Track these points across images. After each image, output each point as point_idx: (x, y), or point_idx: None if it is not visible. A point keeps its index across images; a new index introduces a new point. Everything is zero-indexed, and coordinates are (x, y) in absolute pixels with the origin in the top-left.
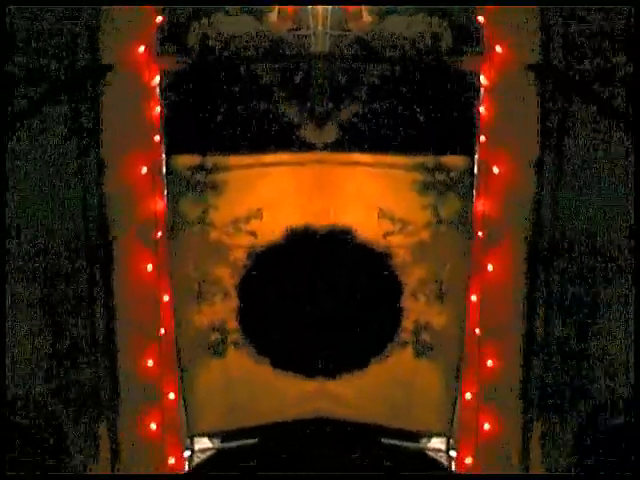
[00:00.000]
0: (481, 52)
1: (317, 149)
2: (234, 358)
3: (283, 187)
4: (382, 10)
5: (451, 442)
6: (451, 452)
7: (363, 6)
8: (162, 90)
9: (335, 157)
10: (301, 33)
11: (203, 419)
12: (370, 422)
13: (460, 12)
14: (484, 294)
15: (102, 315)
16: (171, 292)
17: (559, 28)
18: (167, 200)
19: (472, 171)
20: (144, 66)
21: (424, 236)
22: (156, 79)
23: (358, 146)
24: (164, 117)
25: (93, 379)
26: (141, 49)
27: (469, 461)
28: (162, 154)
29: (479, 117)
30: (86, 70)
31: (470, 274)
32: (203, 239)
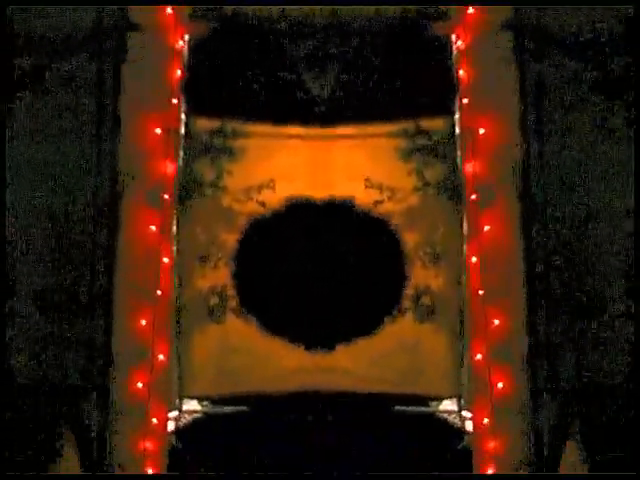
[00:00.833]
0: (449, 15)
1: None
2: (232, 324)
3: (297, 160)
4: None
5: (462, 402)
6: (463, 412)
7: None
8: (189, 50)
9: (318, 132)
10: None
11: (195, 382)
12: (378, 391)
13: None
14: (483, 255)
15: (102, 271)
16: (176, 253)
17: None
18: (182, 161)
19: (453, 132)
20: (170, 28)
21: (413, 201)
22: (180, 42)
23: (340, 119)
24: (187, 78)
25: (88, 333)
26: (169, 10)
27: (486, 422)
28: (180, 116)
29: (458, 79)
30: (111, 27)
31: (464, 234)
32: (214, 203)
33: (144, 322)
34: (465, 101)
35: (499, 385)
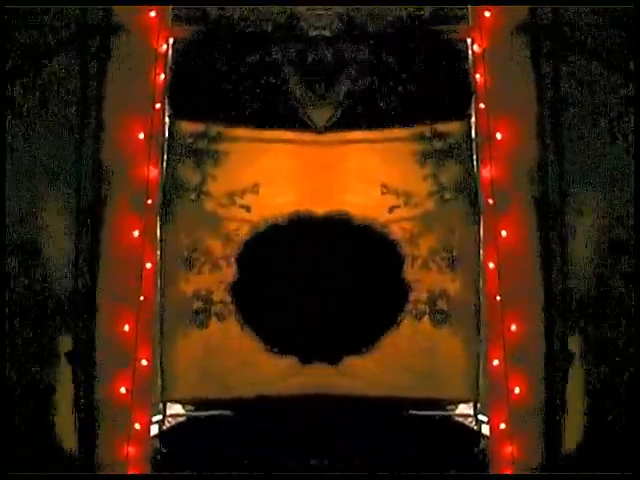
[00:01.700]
0: (465, 18)
1: (316, 130)
2: (216, 329)
3: (282, 164)
4: None
5: (479, 406)
6: (480, 416)
7: None
8: (173, 55)
9: (333, 137)
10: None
11: (178, 386)
12: (393, 395)
13: None
14: (500, 261)
15: (85, 276)
16: (160, 258)
17: None
18: (165, 165)
19: (470, 136)
20: (154, 31)
21: (429, 206)
22: (164, 46)
23: (354, 124)
24: (172, 82)
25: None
26: (152, 14)
27: (503, 427)
28: (163, 120)
29: (475, 83)
30: (96, 27)
31: (480, 239)
32: (198, 208)
33: (127, 328)
34: (482, 106)
35: (516, 390)
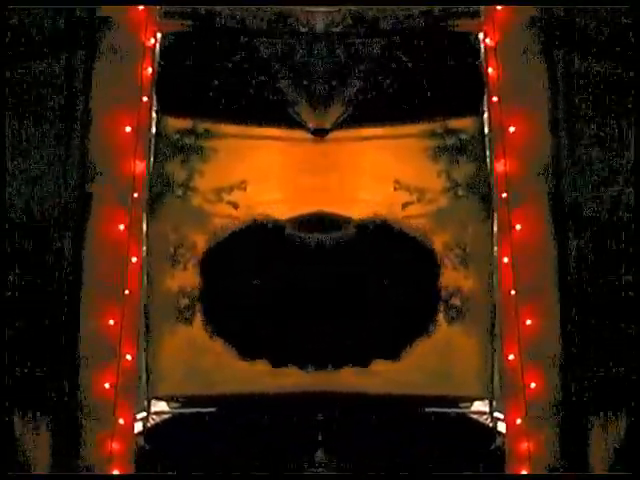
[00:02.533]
0: (477, 13)
1: (308, 129)
2: (201, 326)
3: (270, 162)
4: None
5: (494, 403)
6: (495, 413)
7: None
8: (161, 50)
9: (345, 134)
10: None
11: (164, 383)
12: (409, 393)
13: None
14: (515, 255)
15: (70, 269)
16: (145, 253)
17: None
18: (153, 161)
19: (482, 131)
20: (141, 25)
21: (442, 203)
22: (151, 40)
23: (367, 121)
24: (159, 77)
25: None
26: (140, 7)
27: (519, 422)
28: (150, 115)
29: (487, 78)
30: (83, 20)
31: (492, 234)
32: (184, 204)
33: (112, 322)
34: (495, 99)
35: (532, 385)
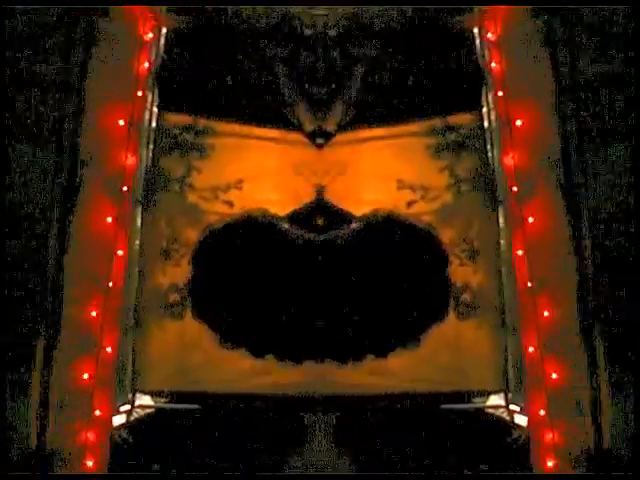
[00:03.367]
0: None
1: (304, 132)
2: (191, 322)
3: (267, 162)
4: None
5: (509, 396)
6: (511, 406)
7: None
8: (166, 44)
9: (346, 136)
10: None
11: (150, 377)
12: (423, 391)
13: None
14: (529, 247)
15: (54, 257)
16: (138, 247)
17: None
18: (151, 155)
19: (482, 126)
20: (140, 19)
21: (447, 199)
22: (149, 35)
23: (367, 122)
24: (161, 71)
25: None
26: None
27: (542, 413)
28: (144, 108)
29: (490, 72)
30: (81, 12)
31: (500, 228)
32: (180, 200)
33: (94, 313)
34: (500, 94)
35: (553, 376)
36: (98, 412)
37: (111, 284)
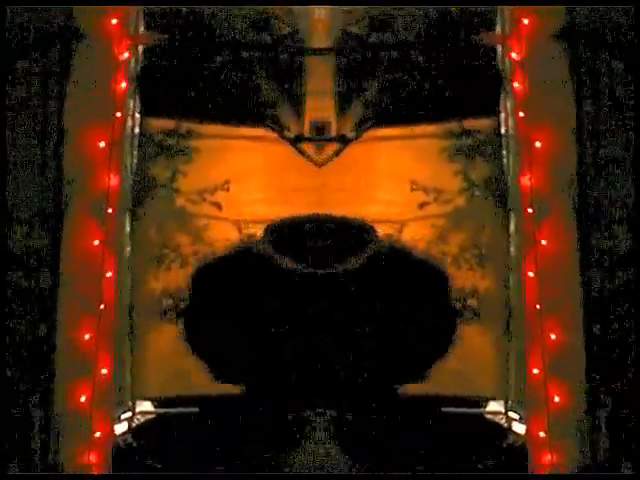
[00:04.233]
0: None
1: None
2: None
3: (253, 162)
4: None
5: (509, 403)
6: (510, 413)
7: None
8: (143, 50)
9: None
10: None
11: (148, 383)
12: (426, 393)
13: None
14: (540, 269)
15: (46, 284)
16: (130, 254)
17: None
18: (136, 162)
19: (499, 132)
20: (116, 39)
21: (459, 203)
22: (125, 54)
23: (384, 122)
24: (142, 78)
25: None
26: (114, 21)
27: (542, 435)
28: (125, 126)
29: (512, 89)
30: (57, 34)
31: (509, 235)
32: (168, 204)
33: (87, 336)
34: (521, 115)
35: (556, 399)
36: (99, 434)
37: (102, 306)
